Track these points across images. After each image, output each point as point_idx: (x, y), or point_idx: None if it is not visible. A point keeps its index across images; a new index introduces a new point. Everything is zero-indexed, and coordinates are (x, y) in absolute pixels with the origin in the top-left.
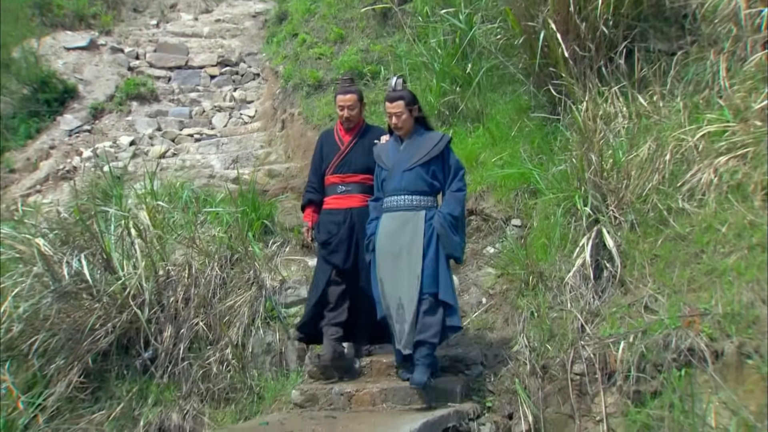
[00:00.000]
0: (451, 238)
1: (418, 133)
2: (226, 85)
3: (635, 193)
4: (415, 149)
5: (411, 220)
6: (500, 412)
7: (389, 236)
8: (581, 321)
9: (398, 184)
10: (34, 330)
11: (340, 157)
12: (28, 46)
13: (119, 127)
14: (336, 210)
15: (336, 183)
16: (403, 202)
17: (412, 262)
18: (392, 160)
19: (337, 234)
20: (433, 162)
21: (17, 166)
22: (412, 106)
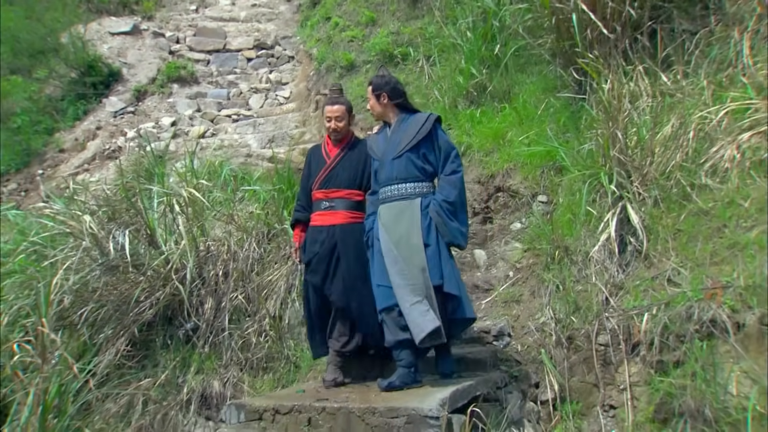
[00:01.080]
0: (449, 225)
1: (403, 118)
2: (262, 67)
3: (659, 170)
4: (402, 134)
5: (407, 209)
6: (527, 381)
7: (386, 230)
8: (606, 294)
9: (390, 173)
10: (84, 301)
11: (326, 171)
12: (76, 31)
13: (161, 109)
14: (319, 227)
15: (320, 199)
16: (397, 191)
17: (414, 252)
18: (381, 149)
19: (317, 254)
20: (422, 144)
21: (66, 146)
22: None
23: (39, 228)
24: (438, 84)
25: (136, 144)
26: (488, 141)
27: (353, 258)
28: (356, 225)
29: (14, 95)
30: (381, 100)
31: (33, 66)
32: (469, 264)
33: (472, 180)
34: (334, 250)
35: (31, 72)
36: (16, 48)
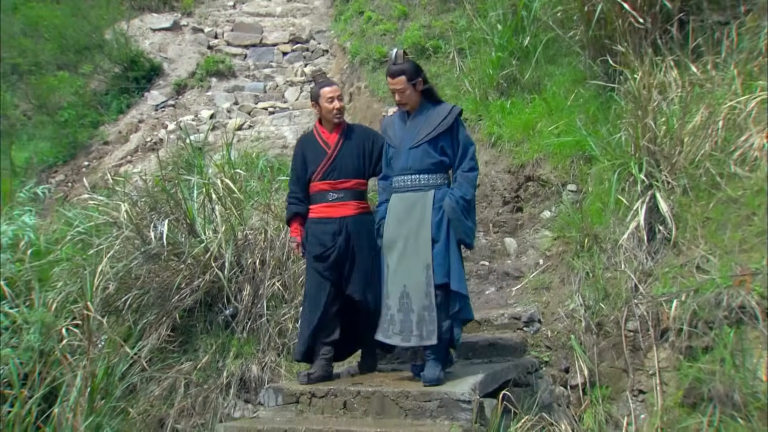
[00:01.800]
0: (464, 222)
1: (425, 107)
2: (298, 61)
3: (688, 159)
4: (422, 124)
5: (419, 201)
6: (557, 366)
7: (397, 219)
8: (635, 281)
9: (405, 162)
10: (127, 288)
11: (329, 161)
12: (119, 28)
13: (200, 102)
14: (328, 219)
15: (325, 190)
16: (410, 181)
17: (420, 248)
18: (399, 136)
19: (333, 247)
20: (441, 137)
21: (110, 139)
22: (416, 80)
23: (84, 218)
24: (469, 76)
25: (177, 136)
26: (518, 131)
27: (367, 250)
28: (366, 216)
29: (61, 90)
30: (417, 88)
31: (79, 62)
32: (500, 252)
33: (502, 170)
34: (349, 244)
35: (77, 68)
36: (63, 45)
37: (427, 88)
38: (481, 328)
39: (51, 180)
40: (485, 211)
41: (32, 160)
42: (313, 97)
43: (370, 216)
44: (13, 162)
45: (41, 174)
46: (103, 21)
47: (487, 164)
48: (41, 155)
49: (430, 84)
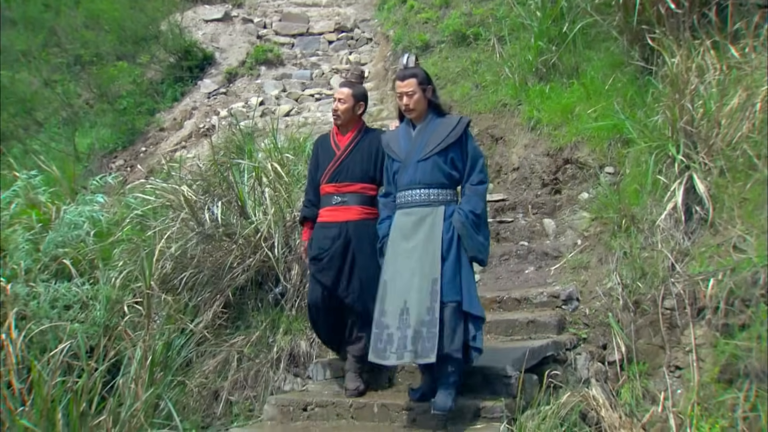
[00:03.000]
0: (475, 238)
1: (431, 118)
2: (343, 49)
3: (725, 141)
4: (430, 135)
5: (428, 216)
6: (595, 342)
7: (403, 235)
8: (672, 260)
9: (413, 176)
10: (183, 267)
11: (336, 163)
12: (173, 19)
13: (250, 89)
14: (330, 223)
15: (331, 193)
16: (419, 196)
17: (427, 263)
18: (404, 149)
19: (328, 250)
20: (451, 149)
21: (166, 125)
22: (426, 86)
23: (142, 201)
24: (508, 62)
25: (228, 122)
26: (557, 115)
27: (369, 256)
28: (370, 221)
29: (120, 79)
30: (426, 95)
31: (136, 52)
32: (539, 232)
33: (541, 153)
34: (347, 249)
35: (135, 58)
36: (121, 36)
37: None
38: (521, 306)
39: (111, 165)
40: (524, 193)
41: (94, 146)
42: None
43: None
44: (77, 148)
45: (102, 159)
46: (158, 13)
47: (527, 148)
48: (102, 141)
49: (438, 95)
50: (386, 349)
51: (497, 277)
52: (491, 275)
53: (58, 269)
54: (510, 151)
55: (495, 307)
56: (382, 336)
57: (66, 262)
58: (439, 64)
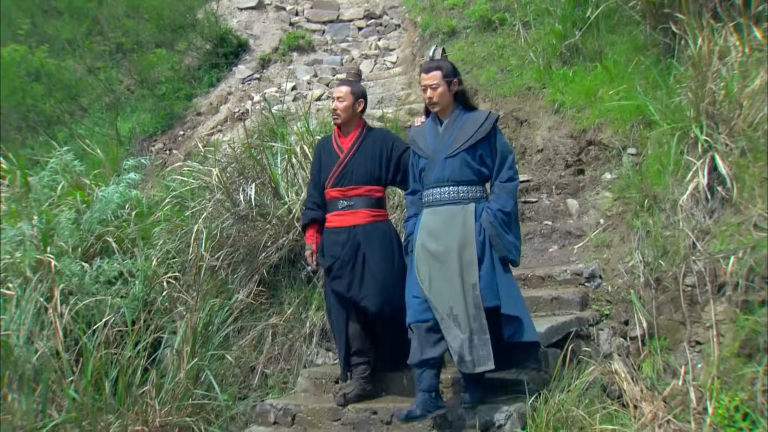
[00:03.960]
0: (504, 237)
1: (459, 113)
2: (372, 35)
3: (747, 122)
4: (458, 131)
5: (458, 215)
6: (617, 319)
7: (432, 234)
8: (693, 239)
9: (440, 173)
10: (220, 246)
11: (340, 167)
12: (209, 8)
13: (282, 75)
14: (338, 228)
15: (337, 198)
16: (448, 194)
17: (465, 267)
18: (431, 145)
19: (339, 258)
20: (480, 145)
21: (202, 110)
22: (451, 79)
23: (180, 183)
24: (533, 46)
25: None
26: (580, 98)
27: (380, 258)
28: (379, 223)
29: (159, 66)
30: (452, 88)
31: (174, 40)
32: (562, 212)
33: (564, 135)
34: (357, 252)
35: (173, 45)
36: (160, 25)
37: (462, 92)
38: (545, 283)
39: (151, 148)
40: (548, 174)
41: (135, 130)
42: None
43: (384, 224)
44: (119, 132)
45: (143, 143)
46: (195, 2)
47: (551, 130)
48: (142, 125)
49: (465, 88)
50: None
51: (522, 255)
52: None
53: (102, 247)
54: (534, 133)
55: (520, 285)
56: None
57: (109, 239)
58: (465, 49)
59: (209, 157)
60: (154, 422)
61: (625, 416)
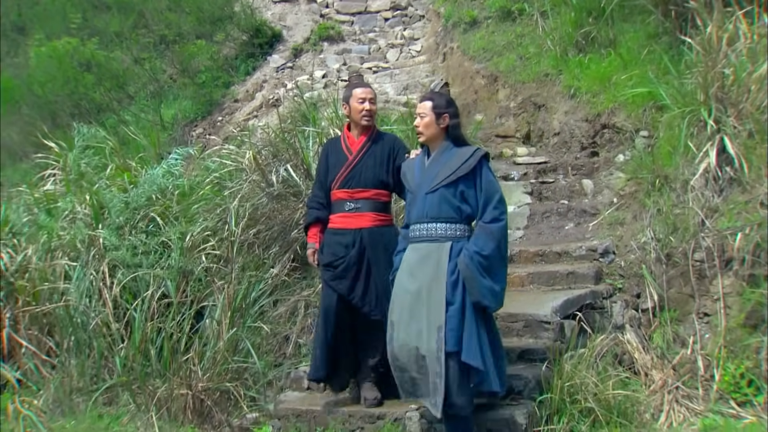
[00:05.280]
0: (479, 281)
1: (447, 148)
2: (397, 25)
3: (754, 105)
4: (441, 166)
5: (434, 253)
6: (629, 292)
7: (409, 272)
8: (702, 216)
9: (421, 209)
10: (255, 223)
11: (349, 168)
12: (246, 1)
13: (314, 64)
14: (343, 230)
15: (343, 199)
16: (426, 231)
17: (433, 308)
18: (417, 180)
19: (344, 258)
20: (462, 182)
21: (239, 97)
22: (442, 112)
23: (219, 165)
24: (550, 35)
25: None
26: (595, 84)
27: (384, 265)
28: (384, 228)
29: (199, 56)
30: (440, 122)
31: (213, 31)
32: (578, 192)
33: (580, 119)
34: (362, 257)
35: (212, 36)
36: (200, 17)
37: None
38: (561, 259)
39: (192, 133)
40: (564, 156)
41: (177, 116)
42: (345, 97)
43: (390, 229)
44: (162, 118)
45: (184, 128)
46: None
47: (567, 114)
48: (184, 112)
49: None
50: (415, 392)
51: (539, 232)
52: (534, 231)
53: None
54: (551, 118)
55: (537, 260)
56: (404, 378)
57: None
58: (486, 38)
59: (246, 141)
60: (197, 386)
61: (636, 383)
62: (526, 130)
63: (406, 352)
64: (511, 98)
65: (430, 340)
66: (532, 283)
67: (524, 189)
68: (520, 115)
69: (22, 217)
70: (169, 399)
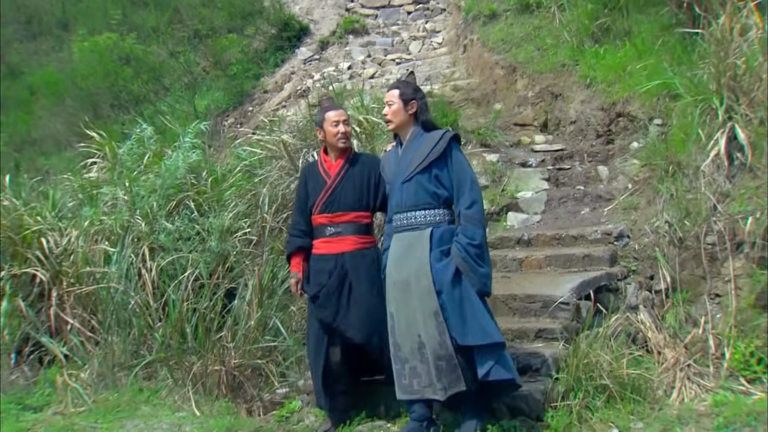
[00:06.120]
0: (478, 271)
1: (417, 135)
2: (420, 19)
3: (765, 94)
4: (413, 153)
5: (416, 241)
6: (643, 274)
7: (396, 263)
8: (714, 201)
9: (399, 199)
10: (284, 208)
11: (328, 193)
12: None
13: (339, 56)
14: (325, 256)
15: (324, 224)
16: (406, 220)
17: (424, 295)
18: (393, 170)
19: (325, 285)
20: (435, 165)
21: (269, 88)
22: (409, 99)
23: (250, 153)
24: (567, 27)
25: (321, 84)
26: (611, 74)
27: (367, 286)
28: (366, 251)
29: (231, 49)
30: (408, 109)
31: (244, 26)
32: (593, 178)
33: (596, 107)
34: (344, 281)
35: (243, 30)
36: (231, 12)
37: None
38: (577, 242)
39: (224, 123)
40: (580, 143)
41: (210, 107)
42: (317, 122)
43: (372, 251)
44: (196, 108)
45: (216, 118)
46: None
47: (583, 103)
48: (217, 102)
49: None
50: (413, 383)
51: (556, 217)
52: (551, 216)
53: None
54: (568, 107)
55: (554, 244)
56: (404, 371)
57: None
58: (505, 30)
59: (275, 130)
60: (230, 363)
61: (649, 361)
62: (543, 119)
63: (408, 340)
64: (529, 88)
65: (429, 326)
66: (549, 266)
67: (542, 175)
68: (538, 105)
69: (67, 202)
70: (204, 374)
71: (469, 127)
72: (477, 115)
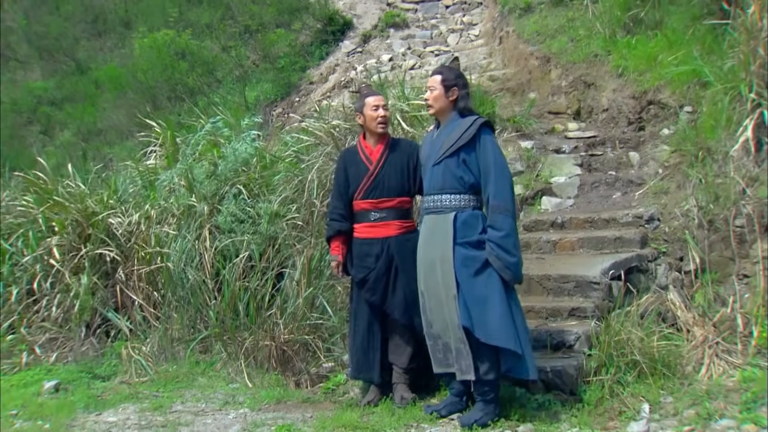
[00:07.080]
0: (509, 261)
1: (453, 120)
2: (457, 12)
3: None
4: (446, 138)
5: (439, 225)
6: (673, 255)
7: (423, 244)
8: (743, 185)
9: (429, 181)
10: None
11: (371, 178)
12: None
13: (381, 48)
14: (371, 240)
15: (368, 209)
16: (433, 203)
17: (445, 279)
18: (427, 153)
19: (374, 269)
20: (464, 150)
21: (314, 80)
22: (451, 86)
23: (297, 140)
24: (600, 18)
25: (363, 76)
26: (642, 63)
27: (412, 270)
28: (410, 235)
29: (279, 43)
30: (449, 95)
31: (291, 21)
32: (625, 163)
33: (627, 96)
34: (391, 265)
35: (290, 25)
36: (279, 8)
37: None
38: (609, 225)
39: (272, 113)
40: (612, 130)
41: (259, 98)
42: (358, 107)
43: (415, 235)
44: (246, 99)
45: (265, 108)
46: None
47: (615, 92)
48: (265, 94)
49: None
50: (447, 357)
51: (589, 201)
52: (584, 200)
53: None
54: (600, 95)
55: (587, 226)
56: (437, 346)
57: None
58: (539, 22)
59: (321, 118)
60: (279, 339)
61: (678, 339)
62: (576, 107)
63: (439, 317)
64: (563, 78)
65: (450, 309)
66: (582, 248)
67: (575, 161)
68: (571, 93)
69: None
70: (255, 349)
71: (505, 116)
72: (512, 104)
